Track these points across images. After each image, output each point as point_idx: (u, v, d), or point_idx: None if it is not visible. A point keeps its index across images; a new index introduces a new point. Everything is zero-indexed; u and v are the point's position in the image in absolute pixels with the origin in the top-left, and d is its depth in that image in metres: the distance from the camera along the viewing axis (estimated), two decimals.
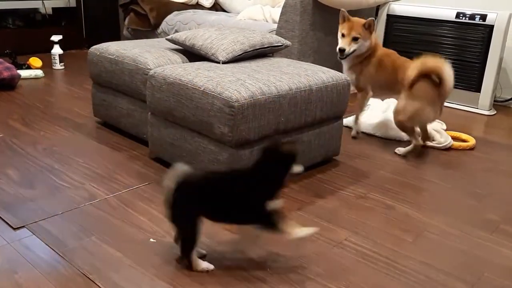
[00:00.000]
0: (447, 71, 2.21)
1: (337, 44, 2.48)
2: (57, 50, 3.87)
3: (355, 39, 2.39)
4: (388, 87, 2.47)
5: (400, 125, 2.35)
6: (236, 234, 1.63)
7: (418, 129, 2.43)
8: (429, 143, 2.52)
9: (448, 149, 2.53)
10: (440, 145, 2.51)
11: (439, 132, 2.59)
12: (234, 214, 1.38)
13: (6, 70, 3.19)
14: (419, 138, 2.40)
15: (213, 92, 1.78)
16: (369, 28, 2.39)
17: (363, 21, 2.40)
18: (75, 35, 4.69)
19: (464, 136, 2.67)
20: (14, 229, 1.61)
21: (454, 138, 2.66)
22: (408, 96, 2.29)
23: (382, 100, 3.02)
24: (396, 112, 2.34)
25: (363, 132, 2.71)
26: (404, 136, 2.52)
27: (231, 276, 1.42)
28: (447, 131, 2.68)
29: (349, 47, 2.40)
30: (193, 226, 1.35)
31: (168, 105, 1.96)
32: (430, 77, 2.26)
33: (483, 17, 3.16)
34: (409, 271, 1.48)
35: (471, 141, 2.59)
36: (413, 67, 2.27)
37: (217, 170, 1.59)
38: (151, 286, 1.36)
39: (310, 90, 1.98)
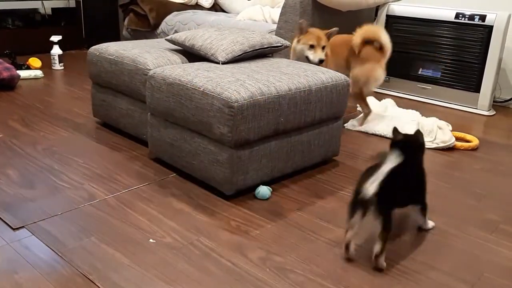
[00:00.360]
0: (384, 34, 2.63)
1: None
2: (56, 50, 3.87)
3: (323, 48, 2.54)
4: (345, 64, 2.74)
5: (357, 95, 2.69)
6: (235, 234, 1.63)
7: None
8: (431, 144, 2.52)
9: (450, 149, 2.53)
10: (444, 145, 2.51)
11: (442, 130, 2.58)
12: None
13: (6, 71, 3.19)
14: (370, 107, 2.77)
15: (212, 92, 1.79)
16: (329, 37, 2.58)
17: (323, 31, 2.58)
18: (74, 36, 4.70)
19: (469, 137, 2.67)
20: (14, 229, 1.60)
21: (460, 139, 2.66)
22: (359, 62, 2.65)
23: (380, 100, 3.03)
24: (353, 82, 2.64)
25: (365, 132, 2.72)
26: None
27: (231, 276, 1.42)
28: (453, 132, 2.68)
29: (323, 56, 2.55)
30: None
31: (168, 105, 1.96)
32: (372, 43, 2.65)
33: (483, 17, 3.16)
34: (409, 271, 1.48)
35: (474, 142, 2.59)
36: (356, 35, 2.64)
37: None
38: (150, 286, 1.36)
39: (310, 91, 1.98)
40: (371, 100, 2.88)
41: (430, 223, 1.74)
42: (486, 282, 1.46)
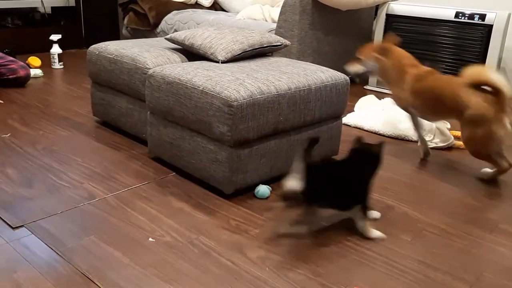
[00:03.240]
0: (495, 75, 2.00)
1: (336, 43, 2.50)
2: (56, 49, 3.87)
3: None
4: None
5: (480, 156, 2.11)
6: (234, 233, 1.63)
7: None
8: (430, 143, 2.52)
9: (449, 148, 2.53)
10: (443, 144, 2.51)
11: (441, 130, 2.58)
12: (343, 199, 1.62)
13: (22, 69, 3.28)
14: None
15: (212, 91, 1.78)
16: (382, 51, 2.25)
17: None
18: (74, 35, 4.69)
19: None
20: (13, 228, 1.60)
21: (459, 138, 2.66)
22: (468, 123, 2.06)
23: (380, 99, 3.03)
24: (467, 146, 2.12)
25: (366, 130, 2.72)
26: (413, 135, 2.53)
27: (230, 275, 1.42)
28: (452, 131, 2.68)
29: None
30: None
31: (167, 104, 1.96)
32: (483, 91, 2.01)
33: (482, 16, 3.16)
34: (408, 271, 1.48)
35: None
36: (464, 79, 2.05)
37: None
38: (149, 285, 1.36)
39: (309, 90, 1.98)
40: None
41: (375, 233, 1.64)
42: (485, 281, 1.46)
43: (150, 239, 1.58)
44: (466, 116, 2.01)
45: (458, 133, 2.69)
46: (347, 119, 2.82)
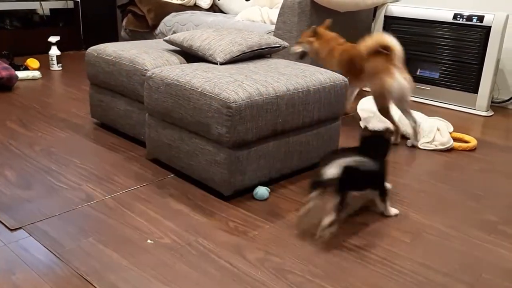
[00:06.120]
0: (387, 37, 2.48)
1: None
2: (54, 51, 3.87)
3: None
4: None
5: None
6: (233, 235, 1.63)
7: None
8: (430, 145, 2.52)
9: (449, 149, 2.53)
10: (443, 147, 2.51)
11: (441, 132, 2.57)
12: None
13: (5, 70, 3.19)
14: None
15: (210, 93, 1.78)
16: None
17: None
18: (72, 36, 4.69)
19: (467, 137, 2.68)
20: (11, 230, 1.60)
21: (458, 140, 2.66)
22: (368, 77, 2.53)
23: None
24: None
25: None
26: (411, 135, 2.57)
27: (229, 276, 1.41)
28: (452, 133, 2.68)
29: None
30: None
31: (166, 106, 1.96)
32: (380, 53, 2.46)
33: (480, 18, 3.17)
34: (407, 272, 1.48)
35: (473, 142, 2.59)
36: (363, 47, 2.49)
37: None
38: (148, 287, 1.35)
39: (308, 91, 1.98)
40: (369, 102, 2.78)
41: (393, 211, 1.83)
42: (484, 283, 1.45)
43: (149, 241, 1.57)
44: (366, 72, 2.49)
45: (458, 135, 2.70)
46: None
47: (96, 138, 2.44)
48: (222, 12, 4.36)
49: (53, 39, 3.84)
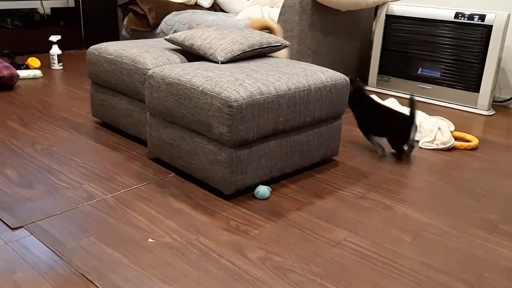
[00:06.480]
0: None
1: (336, 44, 2.51)
2: (55, 50, 3.87)
3: None
4: None
5: None
6: (234, 234, 1.63)
7: None
8: (431, 145, 2.52)
9: (450, 149, 2.53)
10: (444, 146, 2.51)
11: (442, 131, 2.57)
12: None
13: (6, 69, 3.19)
14: None
15: (211, 92, 1.78)
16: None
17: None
18: (73, 35, 4.69)
19: (468, 136, 2.67)
20: (13, 229, 1.60)
21: (459, 139, 2.66)
22: None
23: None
24: None
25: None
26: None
27: (230, 276, 1.41)
28: (453, 132, 2.68)
29: None
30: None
31: (167, 105, 1.96)
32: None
33: (482, 17, 3.16)
34: (408, 271, 1.48)
35: (474, 141, 2.58)
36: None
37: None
38: (149, 286, 1.36)
39: (309, 90, 1.98)
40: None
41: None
42: (485, 282, 1.45)
43: (150, 240, 1.58)
44: None
45: (459, 134, 2.70)
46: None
47: (97, 137, 2.44)
48: (223, 11, 4.36)
49: (54, 38, 3.84)
